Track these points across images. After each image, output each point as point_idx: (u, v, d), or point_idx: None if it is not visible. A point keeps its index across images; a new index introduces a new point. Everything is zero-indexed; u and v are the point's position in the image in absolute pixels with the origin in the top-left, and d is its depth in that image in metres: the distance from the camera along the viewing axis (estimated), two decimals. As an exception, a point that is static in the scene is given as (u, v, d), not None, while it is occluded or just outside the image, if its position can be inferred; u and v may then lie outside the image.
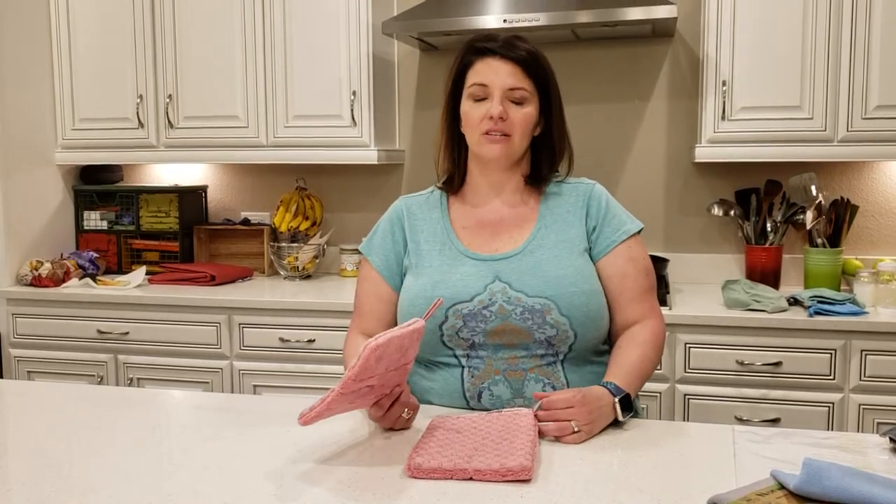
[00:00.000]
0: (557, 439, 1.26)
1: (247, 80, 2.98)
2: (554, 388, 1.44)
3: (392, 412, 1.29)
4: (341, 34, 2.88)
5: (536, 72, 1.47)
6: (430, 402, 1.48)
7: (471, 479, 1.10)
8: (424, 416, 1.35)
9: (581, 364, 1.47)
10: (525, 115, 1.46)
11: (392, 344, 1.18)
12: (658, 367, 2.41)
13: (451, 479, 1.10)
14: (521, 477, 1.08)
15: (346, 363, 1.53)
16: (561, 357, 1.45)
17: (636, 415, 1.54)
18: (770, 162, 2.77)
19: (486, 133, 1.46)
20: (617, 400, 1.33)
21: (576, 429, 1.25)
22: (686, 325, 2.39)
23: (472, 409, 1.45)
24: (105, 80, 3.12)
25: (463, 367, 1.46)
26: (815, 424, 2.33)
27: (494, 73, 1.45)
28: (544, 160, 1.54)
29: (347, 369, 1.17)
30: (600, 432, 1.30)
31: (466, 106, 1.48)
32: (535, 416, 1.28)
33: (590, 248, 1.50)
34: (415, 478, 1.11)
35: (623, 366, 1.43)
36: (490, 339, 1.43)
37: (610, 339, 1.54)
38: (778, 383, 2.36)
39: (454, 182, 1.56)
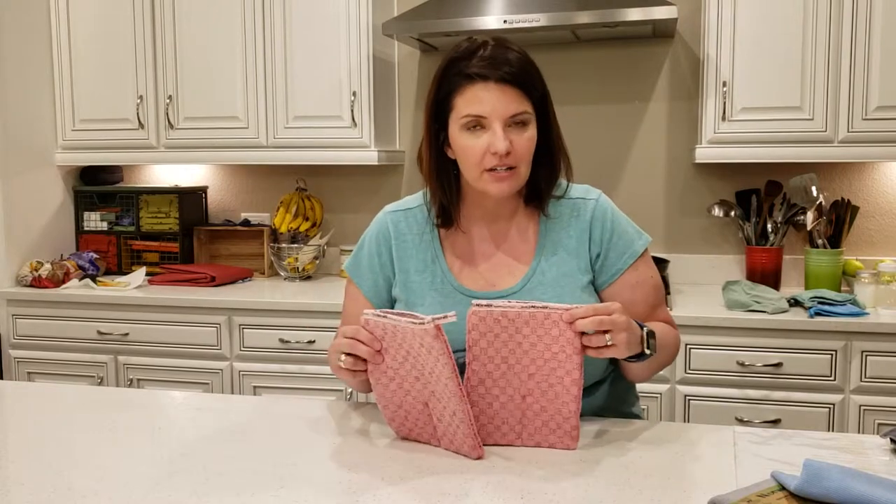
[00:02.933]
0: (591, 350, 1.17)
1: (247, 80, 2.98)
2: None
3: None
4: (341, 35, 2.88)
5: (532, 86, 1.31)
6: None
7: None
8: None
9: (588, 392, 1.39)
10: (529, 140, 1.31)
11: (386, 328, 1.17)
12: (669, 364, 2.41)
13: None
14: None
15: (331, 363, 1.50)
16: None
17: (636, 416, 1.52)
18: (770, 163, 2.77)
19: (489, 170, 1.30)
20: (645, 332, 1.23)
21: (609, 341, 1.14)
22: (687, 326, 2.39)
23: None
24: (105, 80, 3.12)
25: None
26: (816, 425, 2.33)
27: (491, 102, 1.27)
28: (542, 176, 1.38)
29: None
30: (600, 434, 1.29)
31: (461, 139, 1.31)
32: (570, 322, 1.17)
33: (594, 277, 1.40)
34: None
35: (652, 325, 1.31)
36: None
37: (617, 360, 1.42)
38: (778, 384, 2.36)
39: (450, 216, 1.40)
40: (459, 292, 1.38)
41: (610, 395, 1.46)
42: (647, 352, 1.23)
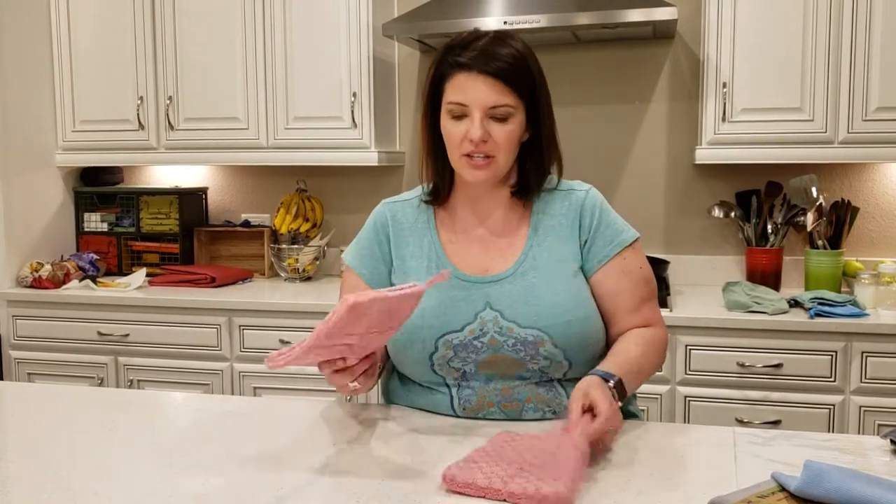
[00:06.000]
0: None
1: (247, 81, 2.98)
2: (555, 413, 1.37)
3: (341, 378, 1.23)
4: (342, 36, 2.88)
5: (520, 82, 1.35)
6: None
7: (504, 500, 1.02)
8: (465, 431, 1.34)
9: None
10: (509, 133, 1.35)
11: (375, 305, 1.09)
12: (658, 370, 2.41)
13: (485, 497, 1.03)
14: None
15: None
16: (556, 379, 1.39)
17: (635, 416, 1.53)
18: (771, 164, 2.77)
19: (468, 156, 1.35)
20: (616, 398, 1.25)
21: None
22: (687, 327, 2.39)
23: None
24: (105, 81, 3.13)
25: (452, 397, 1.39)
26: (816, 426, 2.33)
27: (473, 91, 1.33)
28: (532, 169, 1.42)
29: (324, 321, 1.09)
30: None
31: (446, 123, 1.37)
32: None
33: (583, 263, 1.42)
34: (450, 490, 1.05)
35: (622, 361, 1.34)
36: (482, 369, 1.38)
37: (608, 350, 1.44)
38: (779, 385, 2.36)
39: (440, 194, 1.46)
40: (454, 276, 1.41)
41: None
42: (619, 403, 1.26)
